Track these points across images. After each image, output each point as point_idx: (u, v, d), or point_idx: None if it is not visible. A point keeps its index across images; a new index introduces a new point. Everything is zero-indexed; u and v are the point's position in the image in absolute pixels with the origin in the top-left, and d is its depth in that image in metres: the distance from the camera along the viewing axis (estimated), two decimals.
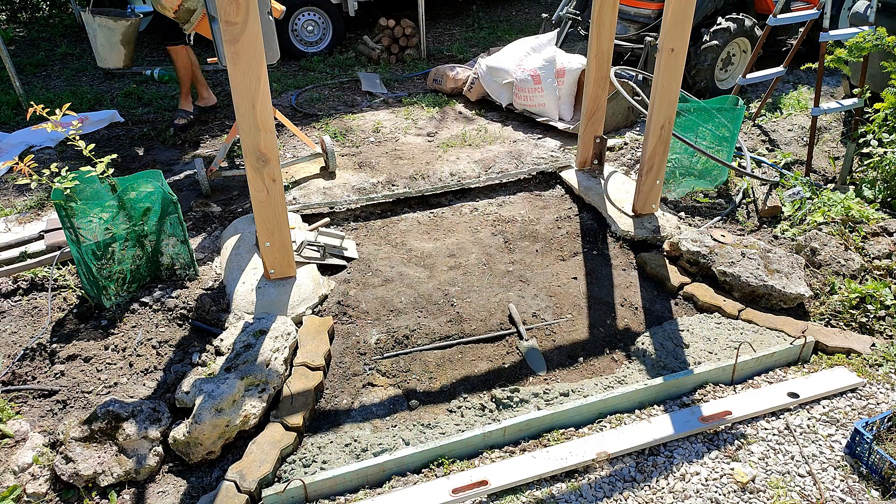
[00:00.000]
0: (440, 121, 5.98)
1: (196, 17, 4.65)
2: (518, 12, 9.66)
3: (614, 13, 4.14)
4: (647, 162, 3.89)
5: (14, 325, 3.38)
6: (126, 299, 3.48)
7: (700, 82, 6.06)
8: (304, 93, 6.65)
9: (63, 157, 5.25)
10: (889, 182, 4.26)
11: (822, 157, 5.22)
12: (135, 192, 3.37)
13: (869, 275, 3.59)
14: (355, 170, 5.06)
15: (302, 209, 4.38)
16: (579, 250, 4.03)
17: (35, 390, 3.00)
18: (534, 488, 2.54)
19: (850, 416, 2.84)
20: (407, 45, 7.78)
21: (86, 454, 2.59)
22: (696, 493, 2.52)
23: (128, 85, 6.82)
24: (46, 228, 4.01)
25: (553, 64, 5.59)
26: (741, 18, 5.98)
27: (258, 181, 3.21)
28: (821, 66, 4.68)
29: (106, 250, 3.35)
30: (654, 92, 3.71)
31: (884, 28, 4.41)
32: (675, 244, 3.81)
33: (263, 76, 2.99)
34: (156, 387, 3.04)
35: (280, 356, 3.00)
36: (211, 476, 2.66)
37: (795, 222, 4.15)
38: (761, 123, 5.73)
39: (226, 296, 3.51)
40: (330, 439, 2.79)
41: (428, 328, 3.39)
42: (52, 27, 9.02)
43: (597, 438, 2.72)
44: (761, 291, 3.44)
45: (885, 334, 3.29)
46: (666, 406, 2.92)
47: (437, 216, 4.46)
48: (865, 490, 2.52)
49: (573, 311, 3.53)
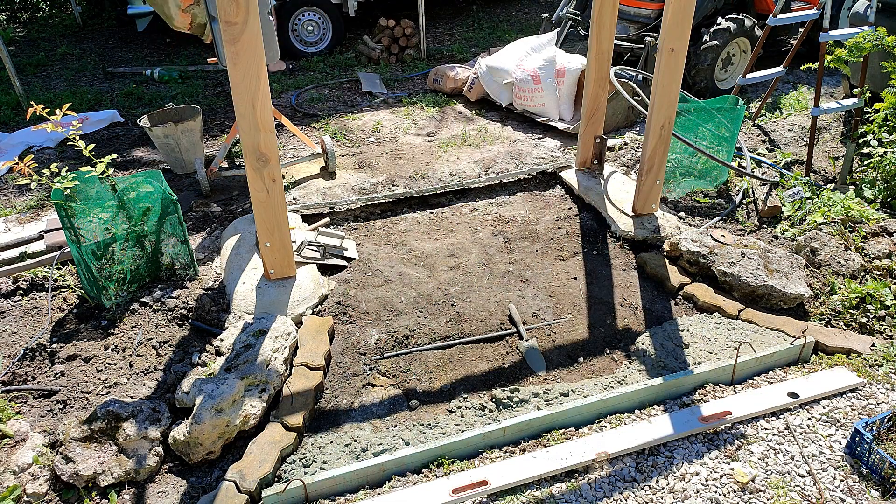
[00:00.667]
0: (440, 121, 5.98)
1: (209, 28, 4.67)
2: (518, 12, 9.66)
3: (614, 13, 4.14)
4: (647, 162, 3.89)
5: (14, 325, 3.38)
6: (126, 299, 3.48)
7: (700, 82, 6.06)
8: (304, 93, 6.65)
9: (63, 157, 5.25)
10: (889, 182, 4.26)
11: (822, 157, 5.22)
12: (135, 192, 3.37)
13: (869, 275, 3.59)
14: (355, 170, 5.06)
15: (302, 209, 4.38)
16: (579, 250, 4.03)
17: (35, 390, 3.00)
18: (534, 488, 2.54)
19: (850, 416, 2.84)
20: (407, 45, 7.78)
21: (86, 454, 2.59)
22: (696, 493, 2.52)
23: (128, 85, 6.83)
24: (46, 228, 4.01)
25: (553, 64, 5.59)
26: (741, 18, 5.98)
27: (258, 181, 3.21)
28: (821, 66, 4.68)
29: (106, 250, 3.35)
30: (654, 92, 3.71)
31: (884, 28, 4.41)
32: (675, 244, 3.81)
33: (263, 76, 2.99)
34: (156, 387, 3.04)
35: (280, 356, 3.00)
36: (211, 476, 2.66)
37: (795, 222, 4.15)
38: (761, 123, 5.73)
39: (226, 296, 3.51)
40: (330, 439, 2.78)
41: (428, 328, 3.39)
42: (52, 27, 9.02)
43: (597, 438, 2.72)
44: (761, 291, 3.44)
45: (885, 334, 3.28)
46: (666, 406, 2.92)
47: (437, 216, 4.46)
48: (865, 490, 2.52)
49: (573, 311, 3.53)
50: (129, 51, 8.03)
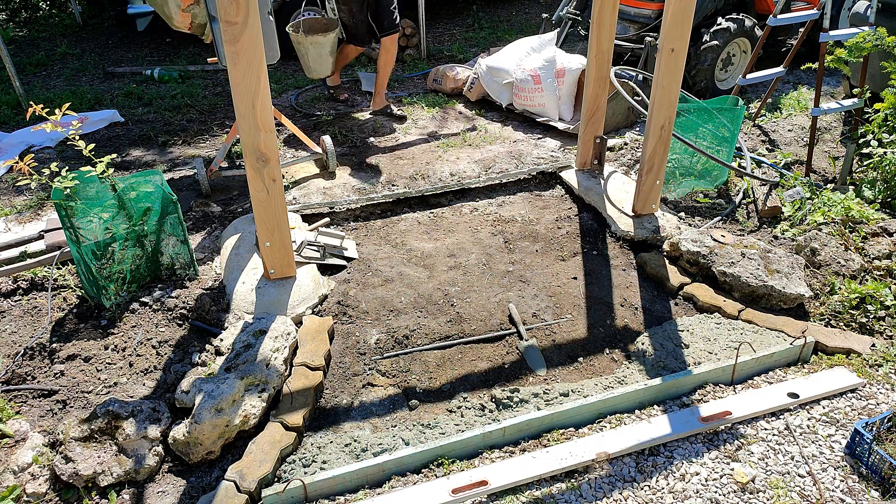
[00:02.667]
0: (440, 121, 5.98)
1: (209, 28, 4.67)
2: (518, 12, 9.65)
3: (614, 13, 4.13)
4: (647, 162, 3.89)
5: (14, 325, 3.38)
6: (126, 299, 3.48)
7: (700, 82, 6.05)
8: (304, 93, 6.65)
9: (63, 157, 5.25)
10: (889, 182, 4.26)
11: (822, 158, 5.22)
12: (135, 191, 3.37)
13: (869, 275, 3.59)
14: (355, 170, 5.06)
15: (302, 209, 4.38)
16: (579, 250, 4.03)
17: (35, 390, 3.00)
18: (534, 488, 2.54)
19: (849, 416, 2.84)
20: (407, 45, 7.78)
21: (85, 454, 2.59)
22: (696, 494, 2.52)
23: (128, 85, 6.82)
24: (46, 228, 4.01)
25: (553, 64, 5.59)
26: (741, 18, 5.97)
27: (258, 181, 3.21)
28: (821, 67, 4.68)
29: (106, 250, 3.35)
30: (654, 92, 3.71)
31: (884, 28, 4.41)
32: (675, 244, 3.81)
33: (263, 76, 2.99)
34: (155, 387, 3.04)
35: (280, 356, 3.00)
36: (211, 476, 2.66)
37: (795, 222, 4.15)
38: (761, 123, 5.73)
39: (225, 296, 3.51)
40: (330, 439, 2.78)
41: (428, 328, 3.39)
42: (52, 27, 9.01)
43: (597, 438, 2.72)
44: (761, 292, 3.44)
45: (885, 334, 3.29)
46: (666, 406, 2.92)
47: (437, 216, 4.46)
48: (865, 490, 2.52)
49: (573, 311, 3.53)
50: (129, 51, 8.03)
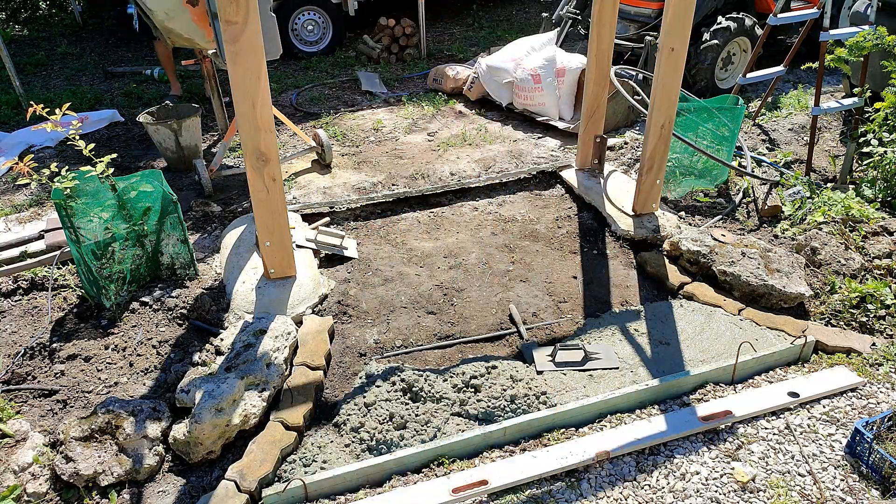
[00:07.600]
0: (440, 120, 5.98)
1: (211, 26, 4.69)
2: (518, 12, 9.65)
3: (614, 12, 4.13)
4: (648, 161, 3.89)
5: (14, 325, 3.38)
6: (126, 299, 3.47)
7: (700, 81, 6.05)
8: (304, 92, 6.64)
9: (63, 157, 5.25)
10: (889, 181, 4.26)
11: (823, 157, 5.21)
12: (135, 191, 3.37)
13: (869, 274, 3.59)
14: (355, 169, 5.06)
15: (302, 209, 4.38)
16: (579, 250, 4.02)
17: (35, 390, 3.00)
18: (534, 488, 2.54)
19: (850, 415, 2.84)
20: (407, 44, 7.78)
21: (86, 454, 2.59)
22: (697, 493, 2.52)
23: (128, 85, 6.82)
24: (46, 228, 4.01)
25: (553, 63, 5.59)
26: (741, 18, 5.97)
27: (258, 181, 3.21)
28: (821, 66, 4.67)
29: (106, 250, 3.35)
30: (655, 91, 3.70)
31: (884, 27, 4.41)
32: (675, 244, 3.81)
33: (263, 76, 2.99)
34: (156, 386, 3.04)
35: (280, 356, 3.00)
36: (211, 475, 2.66)
37: (795, 222, 4.15)
38: (761, 123, 5.73)
39: (226, 295, 3.51)
40: (330, 438, 2.78)
41: (428, 328, 3.39)
42: (52, 27, 9.02)
43: (597, 438, 2.72)
44: (761, 291, 3.44)
45: (886, 334, 3.28)
46: (666, 406, 2.92)
47: (438, 216, 4.46)
48: (865, 490, 2.52)
49: (573, 310, 3.53)
50: (129, 50, 8.03)
